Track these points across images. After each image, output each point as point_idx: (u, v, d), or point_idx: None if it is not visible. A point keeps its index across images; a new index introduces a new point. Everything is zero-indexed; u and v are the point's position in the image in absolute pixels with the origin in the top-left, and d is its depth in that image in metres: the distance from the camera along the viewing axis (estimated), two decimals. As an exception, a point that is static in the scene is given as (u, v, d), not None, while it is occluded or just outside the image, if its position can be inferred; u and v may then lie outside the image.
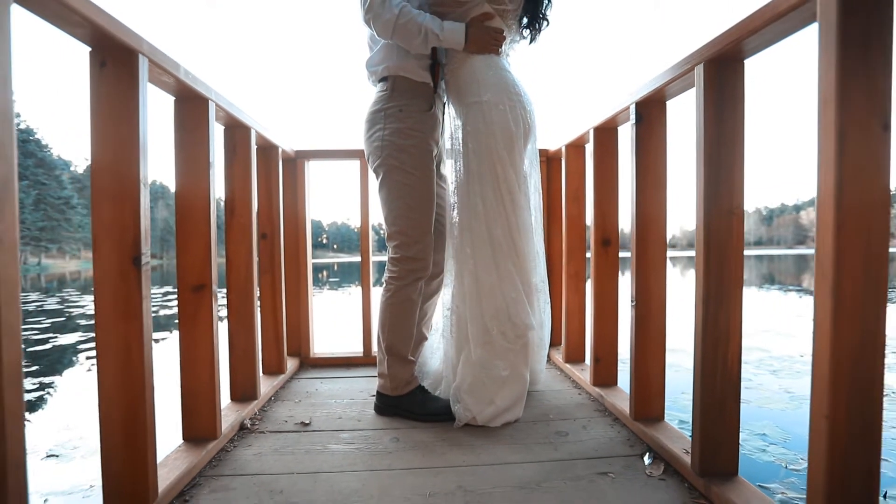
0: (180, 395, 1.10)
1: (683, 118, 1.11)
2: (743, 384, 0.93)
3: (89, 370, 3.33)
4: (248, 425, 1.29)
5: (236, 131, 1.35)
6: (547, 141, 1.92)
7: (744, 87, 0.89)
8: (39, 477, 1.49)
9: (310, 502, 0.92)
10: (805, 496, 0.68)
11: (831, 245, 0.62)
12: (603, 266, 1.47)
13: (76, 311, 7.03)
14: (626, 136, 1.28)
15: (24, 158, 41.44)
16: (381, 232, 1.40)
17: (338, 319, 5.67)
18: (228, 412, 1.29)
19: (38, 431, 2.03)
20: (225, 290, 1.40)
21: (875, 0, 0.61)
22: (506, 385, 1.28)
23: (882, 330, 0.62)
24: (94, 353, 0.82)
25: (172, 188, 0.75)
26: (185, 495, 0.95)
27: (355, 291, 10.28)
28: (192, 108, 1.07)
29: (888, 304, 0.63)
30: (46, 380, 3.01)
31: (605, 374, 1.50)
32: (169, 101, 1.07)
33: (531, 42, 1.46)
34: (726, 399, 0.92)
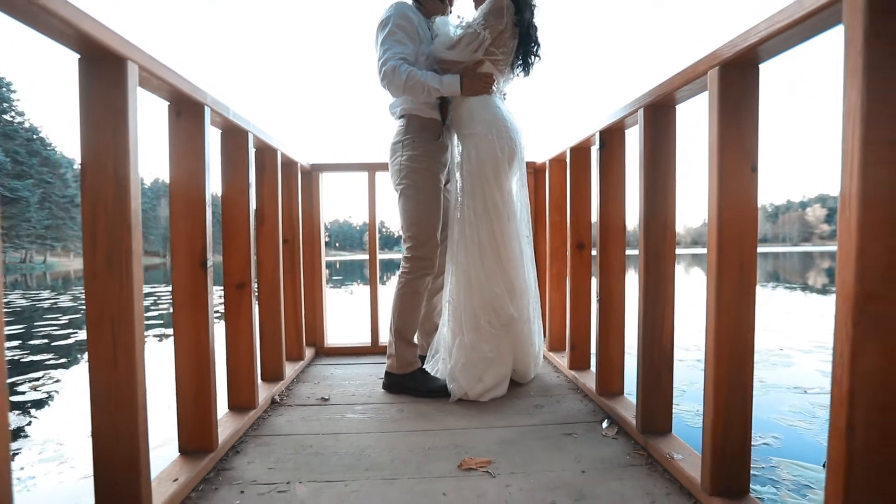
0: (226, 373, 1.35)
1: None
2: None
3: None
4: (278, 399, 1.55)
5: (266, 153, 1.60)
6: (536, 154, 2.17)
7: (675, 129, 1.13)
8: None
9: (334, 453, 1.18)
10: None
11: (715, 253, 0.86)
12: (577, 266, 1.72)
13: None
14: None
15: (29, 157, 41.79)
16: (389, 233, 1.67)
17: (342, 316, 5.92)
18: (261, 389, 1.54)
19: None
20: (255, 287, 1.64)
21: (741, 74, 0.85)
22: (492, 366, 1.53)
23: (751, 313, 0.87)
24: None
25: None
26: (236, 448, 1.20)
27: (357, 289, 10.56)
28: (235, 139, 1.32)
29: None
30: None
31: (579, 359, 1.75)
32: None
33: (526, 75, 1.70)
34: (662, 372, 1.16)
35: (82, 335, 4.90)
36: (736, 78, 0.85)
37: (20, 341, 4.69)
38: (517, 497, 0.97)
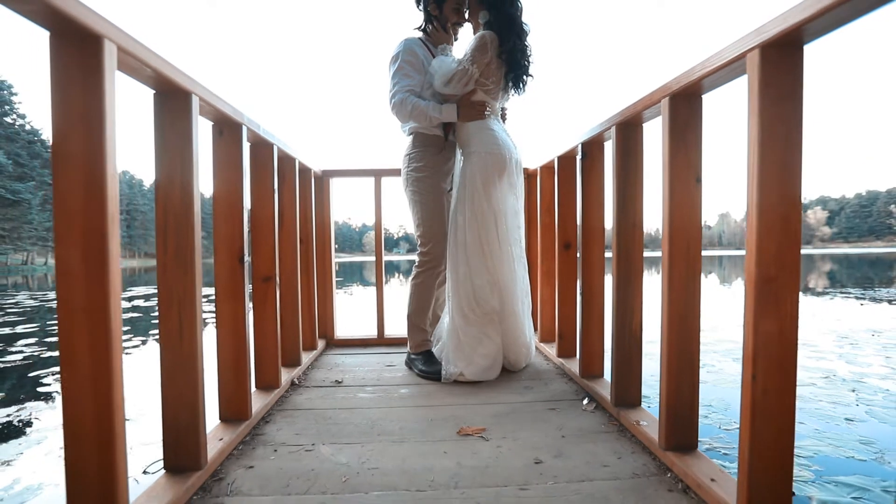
0: (253, 356, 1.54)
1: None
2: (705, 369, 1.34)
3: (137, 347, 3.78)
4: (297, 382, 1.74)
5: (285, 162, 1.79)
6: (529, 161, 2.36)
7: (642, 144, 1.32)
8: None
9: (350, 422, 1.37)
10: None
11: (667, 247, 1.06)
12: (564, 264, 1.91)
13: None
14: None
15: (31, 159, 42.01)
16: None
17: (344, 315, 6.11)
18: (282, 372, 1.73)
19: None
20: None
21: (687, 102, 1.05)
22: (478, 349, 1.73)
23: (697, 297, 1.06)
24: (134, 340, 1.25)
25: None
26: (265, 418, 1.39)
27: (356, 291, 10.74)
28: (262, 151, 1.51)
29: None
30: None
31: (567, 348, 1.94)
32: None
33: (520, 95, 1.89)
34: (632, 354, 1.35)
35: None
36: (683, 106, 1.05)
37: (37, 339, 4.89)
38: (506, 454, 1.16)
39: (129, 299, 8.66)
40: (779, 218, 0.78)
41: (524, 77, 1.83)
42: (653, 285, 1.42)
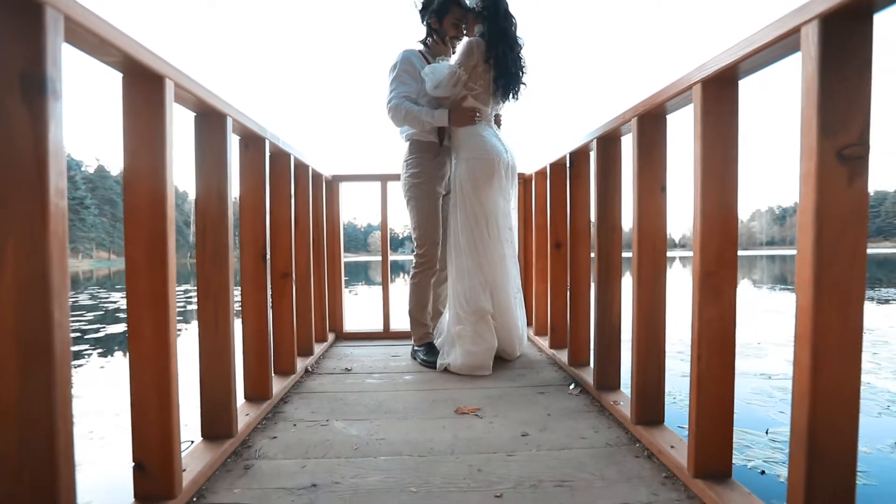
0: (272, 345, 1.71)
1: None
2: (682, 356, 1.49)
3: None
4: (310, 370, 1.91)
5: (300, 169, 1.95)
6: (526, 166, 2.51)
7: (620, 155, 1.48)
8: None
9: (359, 403, 1.53)
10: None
11: (636, 247, 1.22)
12: (556, 262, 2.07)
13: (111, 307, 7.73)
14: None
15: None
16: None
17: (353, 312, 6.28)
18: (297, 360, 1.90)
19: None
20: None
21: (653, 123, 1.20)
22: (468, 346, 1.86)
23: (663, 289, 1.21)
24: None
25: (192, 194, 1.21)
26: (284, 399, 1.56)
27: (361, 290, 10.92)
28: (280, 161, 1.68)
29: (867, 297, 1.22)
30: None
31: (558, 339, 2.10)
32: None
33: (515, 101, 2.04)
34: (611, 342, 1.51)
35: (111, 329, 5.30)
36: (649, 125, 1.20)
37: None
38: (497, 428, 1.33)
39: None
40: (718, 223, 0.93)
41: (516, 85, 1.97)
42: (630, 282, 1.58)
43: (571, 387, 1.68)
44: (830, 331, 0.66)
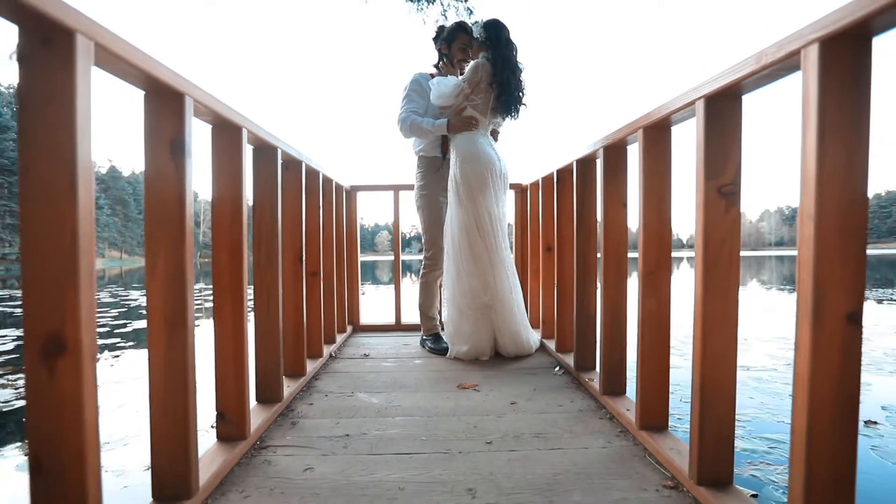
0: (306, 334, 2.02)
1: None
2: (684, 358, 1.79)
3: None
4: (333, 355, 2.22)
5: (326, 184, 2.27)
6: (524, 177, 2.81)
7: (595, 176, 1.77)
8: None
9: (378, 380, 1.84)
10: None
11: (603, 253, 1.51)
12: (546, 263, 2.37)
13: (133, 303, 8.11)
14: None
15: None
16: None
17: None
18: (323, 347, 2.21)
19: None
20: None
21: (616, 152, 1.50)
22: (472, 337, 2.16)
23: (624, 292, 1.51)
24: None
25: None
26: (315, 377, 1.88)
27: (369, 290, 11.24)
28: (313, 178, 1.99)
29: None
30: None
31: (548, 330, 2.39)
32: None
33: (514, 119, 2.33)
34: (588, 331, 1.81)
35: (138, 324, 5.66)
36: (613, 154, 1.50)
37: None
38: (491, 399, 1.63)
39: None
40: (654, 233, 1.23)
41: (517, 105, 2.26)
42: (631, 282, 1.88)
43: (556, 369, 1.98)
44: (713, 313, 0.96)
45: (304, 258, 1.74)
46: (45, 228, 0.63)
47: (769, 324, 5.32)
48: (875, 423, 2.32)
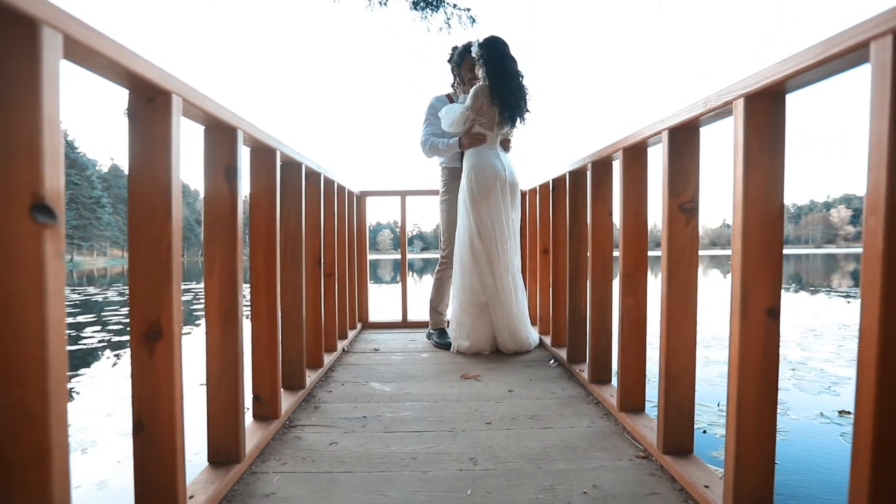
0: (324, 328, 2.21)
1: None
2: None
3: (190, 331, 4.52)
4: (346, 349, 2.41)
5: (340, 192, 2.45)
6: (525, 184, 2.99)
7: (587, 184, 1.96)
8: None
9: (388, 371, 2.04)
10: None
11: (590, 255, 1.70)
12: (543, 265, 2.55)
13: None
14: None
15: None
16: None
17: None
18: (337, 342, 2.41)
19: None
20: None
21: (602, 167, 1.68)
22: (472, 334, 2.34)
23: (609, 291, 1.69)
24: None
25: (201, 192, 1.59)
26: (332, 368, 2.07)
27: (372, 288, 11.46)
28: (329, 188, 2.18)
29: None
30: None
31: (544, 327, 2.58)
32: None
33: (522, 125, 2.52)
34: (579, 326, 2.00)
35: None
36: (600, 168, 1.69)
37: (100, 326, 5.68)
38: (491, 387, 1.82)
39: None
40: (633, 239, 1.42)
41: (520, 114, 2.43)
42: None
43: (551, 362, 2.17)
44: (676, 309, 1.14)
45: (322, 261, 1.94)
46: (147, 242, 0.82)
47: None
48: (849, 412, 2.51)
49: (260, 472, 1.17)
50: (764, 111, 0.85)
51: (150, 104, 0.80)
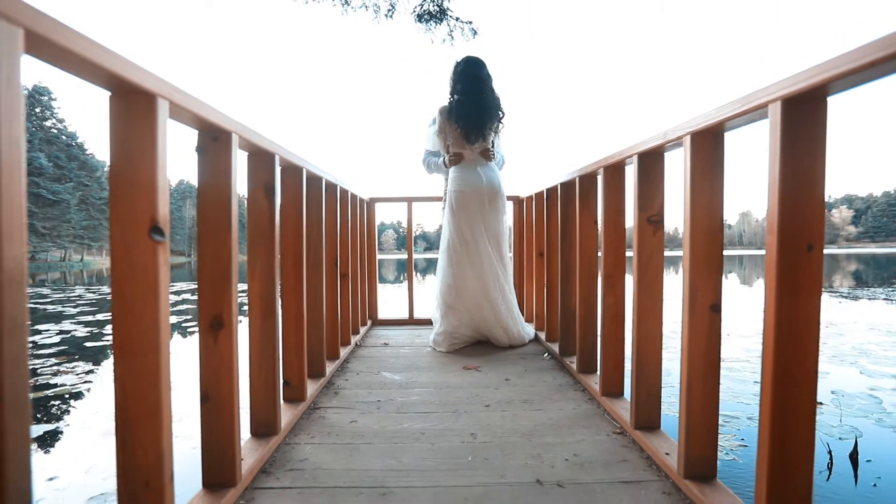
0: (340, 324, 2.43)
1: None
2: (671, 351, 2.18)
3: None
4: (358, 344, 2.63)
5: (353, 199, 2.67)
6: (522, 190, 3.20)
7: (576, 195, 2.16)
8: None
9: (398, 363, 2.25)
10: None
11: (577, 264, 1.90)
12: (538, 266, 2.76)
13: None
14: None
15: (69, 161, 44.29)
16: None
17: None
18: (351, 337, 2.62)
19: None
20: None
21: (589, 181, 1.89)
22: (444, 328, 2.54)
23: (595, 291, 1.90)
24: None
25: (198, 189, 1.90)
26: (347, 360, 2.28)
27: (378, 288, 11.68)
28: (344, 196, 2.39)
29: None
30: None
31: (540, 323, 2.79)
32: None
33: (496, 135, 2.72)
34: (569, 322, 2.20)
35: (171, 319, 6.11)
36: (586, 182, 1.89)
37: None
38: (490, 376, 2.03)
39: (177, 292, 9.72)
40: (612, 245, 1.62)
41: (484, 128, 2.60)
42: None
43: (545, 355, 2.38)
44: (644, 305, 1.35)
45: (338, 263, 2.15)
46: (213, 250, 1.03)
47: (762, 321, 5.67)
48: (821, 403, 2.70)
49: (293, 443, 1.39)
50: (708, 145, 1.05)
51: (214, 142, 1.02)
